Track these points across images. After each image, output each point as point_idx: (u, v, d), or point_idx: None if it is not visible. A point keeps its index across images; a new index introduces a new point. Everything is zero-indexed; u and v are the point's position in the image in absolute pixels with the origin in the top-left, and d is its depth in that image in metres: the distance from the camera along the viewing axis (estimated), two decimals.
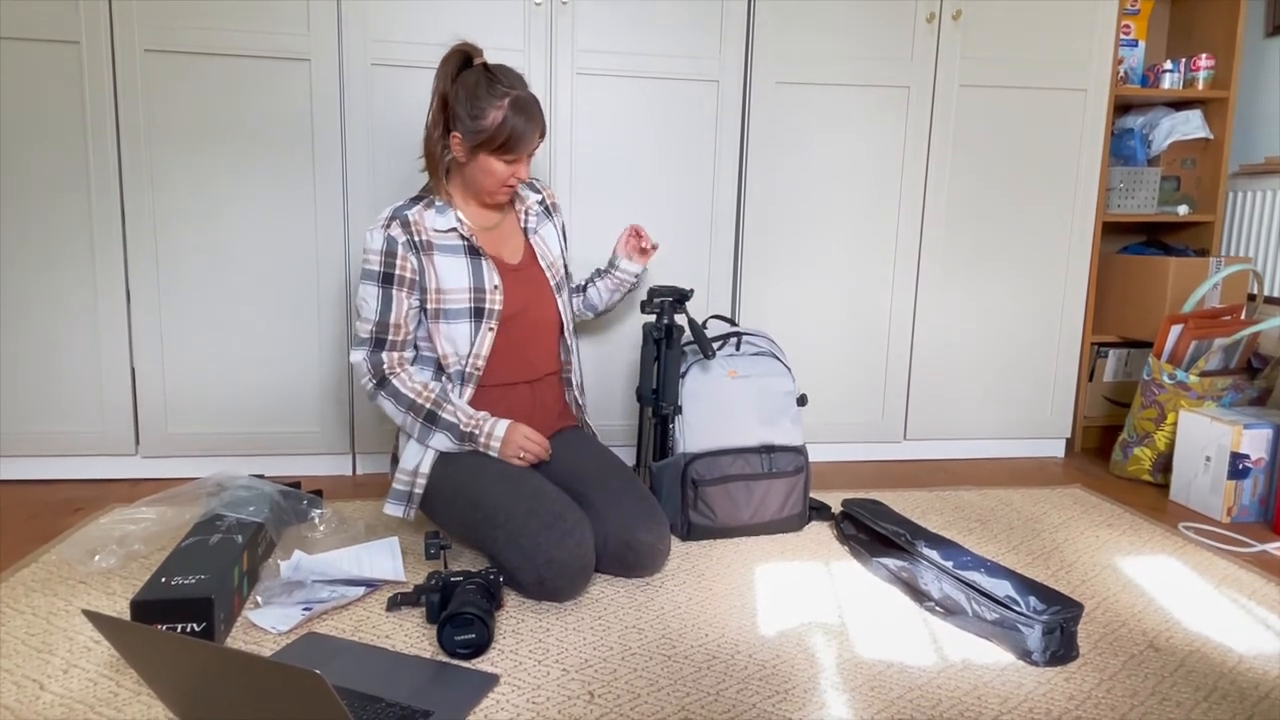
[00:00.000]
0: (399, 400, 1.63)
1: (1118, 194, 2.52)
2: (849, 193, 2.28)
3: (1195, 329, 2.20)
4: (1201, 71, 2.51)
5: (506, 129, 1.58)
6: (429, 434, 1.64)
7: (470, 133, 1.60)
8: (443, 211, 1.67)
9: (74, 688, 1.21)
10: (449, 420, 1.63)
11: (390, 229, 1.62)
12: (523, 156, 1.64)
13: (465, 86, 1.60)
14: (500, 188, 1.67)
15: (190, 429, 2.10)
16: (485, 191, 1.68)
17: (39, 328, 2.02)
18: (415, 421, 1.63)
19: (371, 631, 1.38)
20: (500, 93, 1.58)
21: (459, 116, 1.61)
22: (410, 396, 1.63)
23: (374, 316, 1.63)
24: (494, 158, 1.62)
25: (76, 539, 1.71)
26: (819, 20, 2.19)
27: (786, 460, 1.82)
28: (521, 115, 1.59)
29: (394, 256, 1.62)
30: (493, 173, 1.64)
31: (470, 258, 1.67)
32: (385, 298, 1.62)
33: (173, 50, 1.96)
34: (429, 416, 1.63)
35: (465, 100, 1.59)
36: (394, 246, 1.61)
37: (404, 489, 1.67)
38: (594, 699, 1.21)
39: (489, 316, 1.66)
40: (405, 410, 1.63)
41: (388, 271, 1.62)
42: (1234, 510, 2.03)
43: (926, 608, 1.51)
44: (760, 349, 1.92)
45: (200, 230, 2.04)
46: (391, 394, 1.64)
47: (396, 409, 1.64)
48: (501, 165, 1.63)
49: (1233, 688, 1.29)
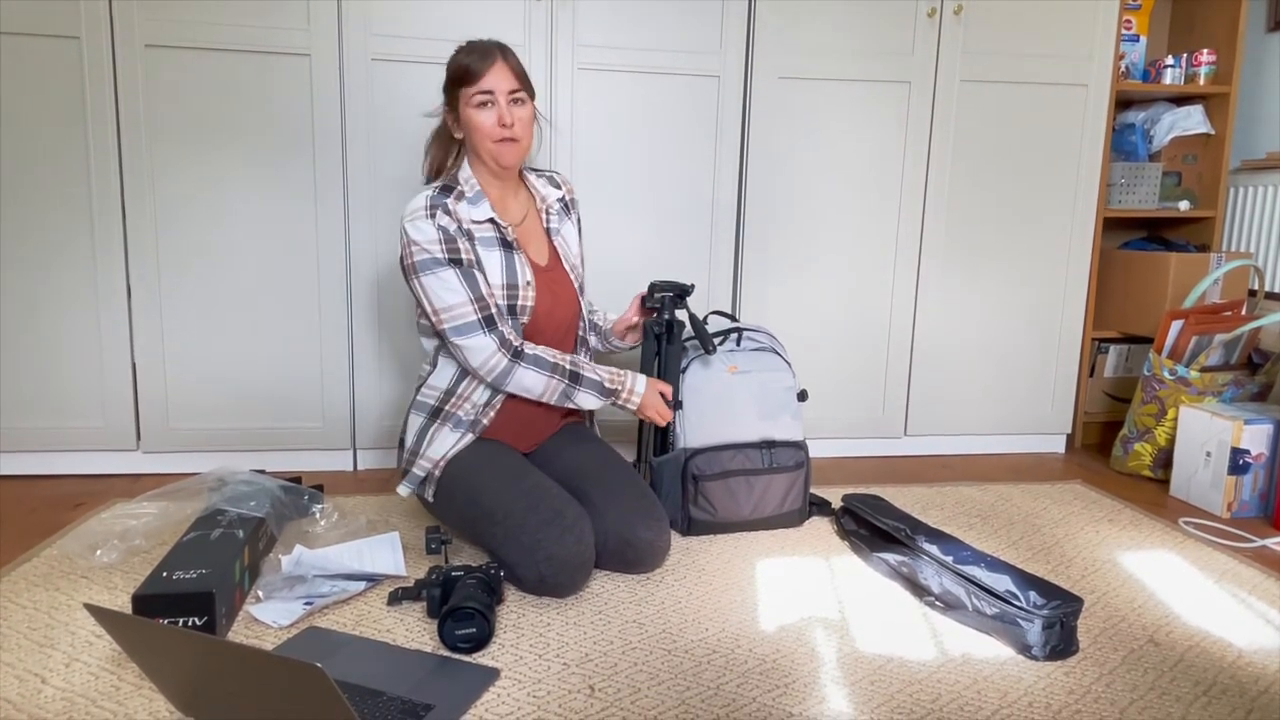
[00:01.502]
0: (541, 365, 1.62)
1: (1119, 189, 2.52)
2: (850, 187, 2.28)
3: (1196, 324, 2.20)
4: (1203, 67, 2.50)
5: (461, 65, 1.61)
6: (572, 393, 1.66)
7: (447, 91, 1.65)
8: (475, 202, 1.64)
9: (76, 682, 1.21)
10: (592, 378, 1.67)
11: (438, 218, 1.58)
12: (496, 97, 1.59)
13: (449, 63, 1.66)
14: (496, 142, 1.60)
15: (191, 424, 2.11)
16: (486, 152, 1.62)
17: (40, 323, 2.02)
18: (560, 383, 1.64)
19: (373, 626, 1.39)
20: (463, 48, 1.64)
21: (443, 89, 1.66)
22: (551, 360, 1.63)
23: (467, 294, 1.58)
24: (469, 108, 1.60)
25: (78, 534, 1.71)
26: (820, 15, 2.19)
27: (787, 455, 1.83)
28: (471, 51, 1.61)
29: (454, 242, 1.59)
30: (479, 126, 1.60)
31: (504, 251, 1.65)
32: (467, 277, 1.58)
33: (173, 45, 1.96)
34: (573, 377, 1.65)
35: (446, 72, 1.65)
36: (449, 234, 1.58)
37: (422, 475, 1.67)
38: (594, 693, 1.22)
39: (521, 313, 1.66)
40: (549, 373, 1.63)
41: (454, 256, 1.58)
42: (1234, 505, 2.03)
43: (926, 602, 1.51)
44: (761, 344, 1.92)
45: (201, 225, 2.04)
46: (532, 361, 1.62)
47: (539, 374, 1.62)
48: (479, 112, 1.59)
49: (1232, 682, 1.29)
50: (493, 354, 1.59)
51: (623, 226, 2.20)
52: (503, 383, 1.63)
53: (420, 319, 1.71)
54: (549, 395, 1.65)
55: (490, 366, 1.60)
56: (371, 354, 2.15)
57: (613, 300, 2.18)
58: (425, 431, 1.68)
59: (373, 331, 2.15)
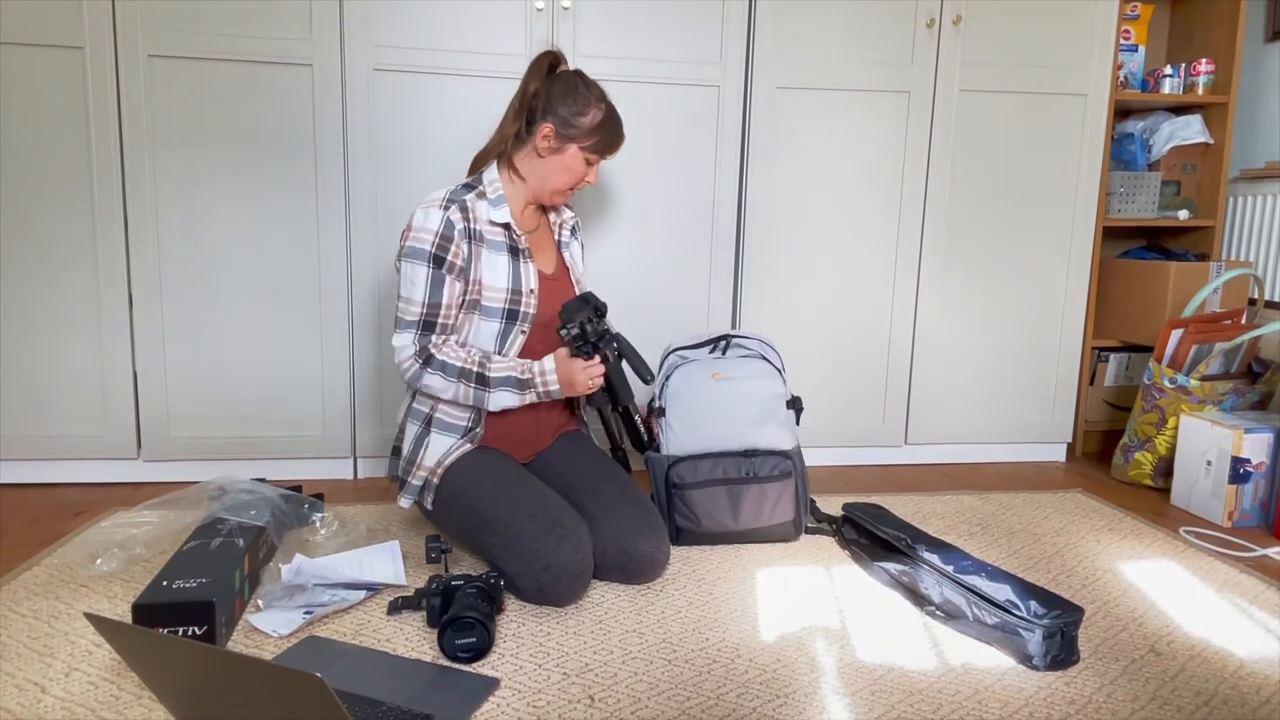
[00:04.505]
0: (448, 371, 1.60)
1: (1118, 199, 2.53)
2: (850, 197, 2.29)
3: (1196, 333, 2.20)
4: (1201, 76, 2.51)
5: (606, 127, 1.68)
6: (485, 396, 1.62)
7: (569, 125, 1.65)
8: (496, 205, 1.66)
9: (75, 691, 1.21)
10: (502, 375, 1.62)
11: (449, 211, 1.59)
12: (601, 160, 1.72)
13: (565, 83, 1.67)
14: (568, 188, 1.72)
15: (192, 433, 2.11)
16: (553, 189, 1.71)
17: (42, 332, 2.02)
18: (469, 387, 1.61)
19: (372, 635, 1.39)
20: (598, 95, 1.69)
21: (554, 111, 1.65)
22: (458, 364, 1.61)
23: (423, 298, 1.59)
24: (584, 153, 1.68)
25: (78, 542, 1.71)
26: (820, 25, 2.20)
27: (771, 464, 1.77)
28: (616, 118, 1.71)
29: (449, 241, 1.59)
30: (573, 169, 1.69)
31: (511, 257, 1.67)
32: (436, 280, 1.59)
33: (176, 55, 1.97)
34: (480, 379, 1.61)
35: (566, 95, 1.66)
36: (450, 231, 1.59)
37: (420, 484, 1.67)
38: (594, 703, 1.22)
39: (522, 320, 1.67)
40: (456, 378, 1.61)
41: (439, 255, 1.59)
42: (1235, 515, 2.03)
43: (927, 612, 1.51)
44: (749, 351, 1.90)
45: (202, 235, 2.04)
46: (439, 367, 1.60)
47: (446, 380, 1.61)
48: (583, 164, 1.69)
49: (1234, 692, 1.29)
50: (408, 356, 1.62)
51: (623, 236, 2.20)
52: (414, 385, 1.65)
53: None
54: (460, 398, 1.63)
55: (405, 368, 1.63)
56: (372, 363, 2.15)
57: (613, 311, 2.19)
58: (421, 440, 1.68)
59: (373, 341, 2.15)
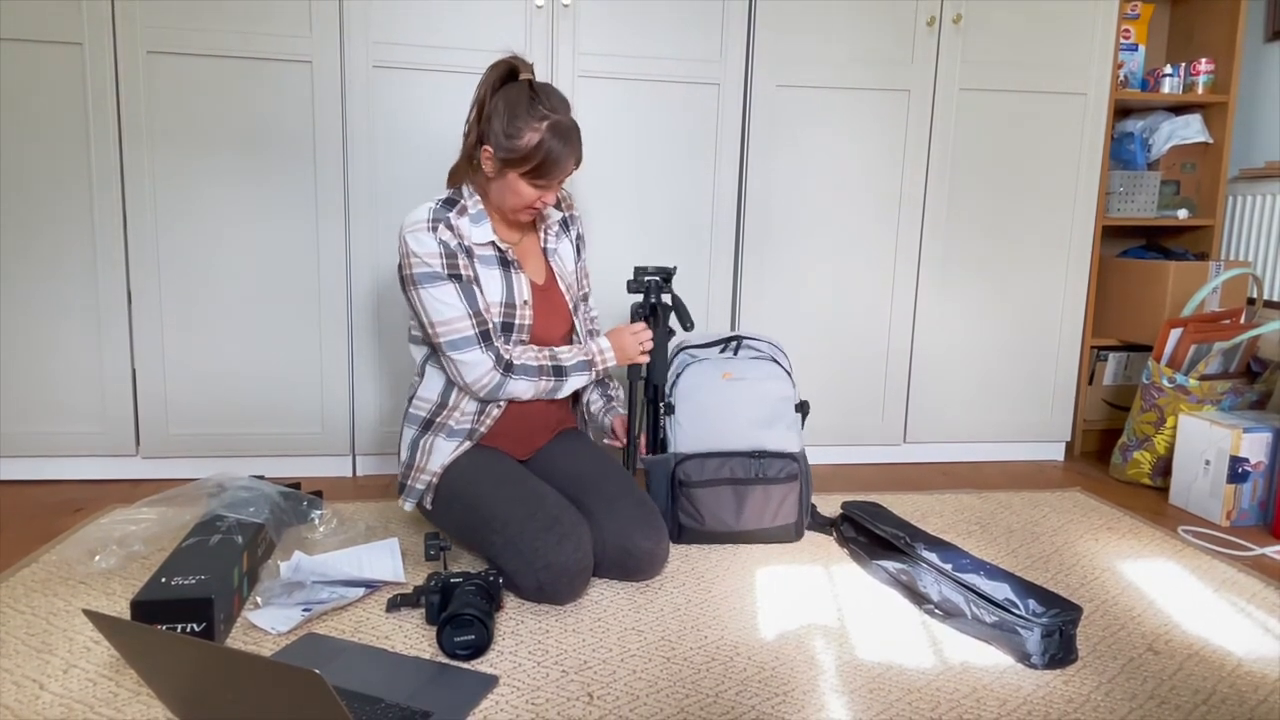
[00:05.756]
0: (529, 373, 1.65)
1: (1117, 198, 2.53)
2: (849, 195, 2.29)
3: (1195, 333, 2.20)
4: (1201, 76, 2.51)
5: (541, 153, 1.53)
6: (562, 384, 1.70)
7: (503, 149, 1.54)
8: (477, 221, 1.63)
9: (74, 688, 1.21)
10: (574, 362, 1.71)
11: (439, 233, 1.57)
12: (554, 183, 1.60)
13: (506, 100, 1.54)
14: (524, 209, 1.63)
15: (191, 430, 2.11)
16: (510, 209, 1.63)
17: (41, 328, 2.02)
18: (549, 381, 1.68)
19: (371, 632, 1.39)
20: (540, 114, 1.52)
21: (493, 131, 1.55)
22: (537, 365, 1.66)
23: (465, 311, 1.58)
24: (524, 180, 1.57)
25: (77, 539, 1.71)
26: (819, 24, 2.19)
27: (779, 466, 1.78)
28: (559, 140, 1.53)
29: (454, 258, 1.58)
30: (519, 194, 1.59)
31: (503, 270, 1.65)
32: (466, 293, 1.59)
33: (175, 52, 1.96)
34: (557, 371, 1.69)
35: (504, 114, 1.53)
36: (449, 249, 1.58)
37: (422, 488, 1.66)
38: (593, 700, 1.22)
39: (518, 331, 1.66)
40: (537, 377, 1.66)
41: (453, 272, 1.58)
42: (1233, 514, 2.03)
43: (926, 610, 1.51)
44: (760, 353, 1.90)
45: (201, 231, 2.04)
46: (521, 371, 1.64)
47: (530, 382, 1.66)
48: (529, 189, 1.59)
49: (1231, 691, 1.29)
50: (488, 370, 1.60)
51: (622, 234, 2.20)
52: (495, 396, 1.64)
53: (413, 329, 1.72)
54: (540, 395, 1.69)
55: (484, 383, 1.62)
56: (371, 360, 2.15)
57: (613, 309, 2.19)
58: (418, 444, 1.68)
59: (372, 337, 2.15)
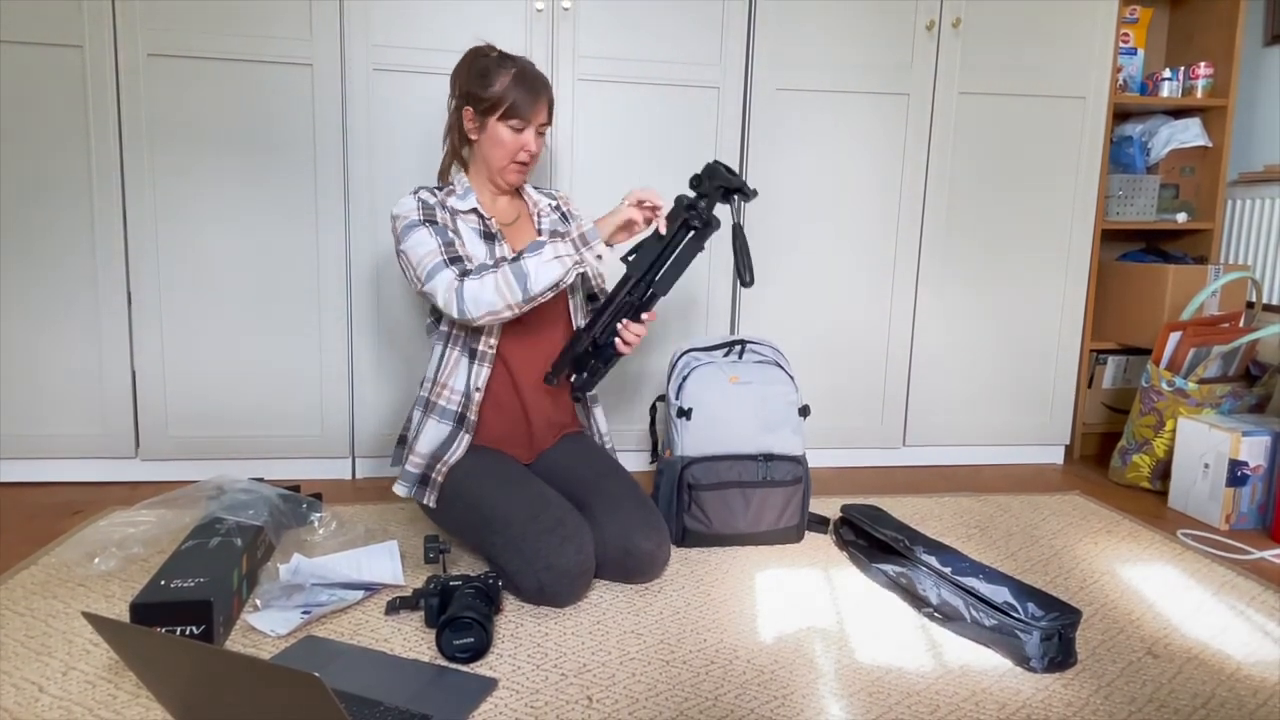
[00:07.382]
0: (484, 270, 1.56)
1: (1117, 201, 2.53)
2: (849, 199, 2.29)
3: (1194, 336, 2.21)
4: (1200, 80, 2.52)
5: (513, 92, 1.65)
6: (525, 273, 1.53)
7: (479, 101, 1.66)
8: (463, 196, 1.71)
9: (73, 690, 1.21)
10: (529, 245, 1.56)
11: (419, 194, 1.67)
12: (530, 126, 1.68)
13: (475, 62, 1.69)
14: (510, 161, 1.70)
15: (190, 432, 2.11)
16: (496, 168, 1.71)
17: (40, 330, 2.02)
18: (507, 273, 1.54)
19: (370, 635, 1.39)
20: (509, 64, 1.68)
21: (470, 91, 1.68)
22: (492, 263, 1.58)
23: (436, 244, 1.59)
24: (502, 124, 1.67)
25: (76, 541, 1.71)
26: (819, 27, 2.20)
27: (785, 469, 1.81)
28: (528, 78, 1.67)
29: (431, 209, 1.65)
30: (502, 142, 1.68)
31: (486, 242, 1.69)
32: (438, 231, 1.62)
33: (176, 55, 1.97)
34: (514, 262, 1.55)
35: (476, 74, 1.67)
36: (427, 205, 1.65)
37: (416, 471, 1.67)
38: (592, 704, 1.22)
39: None
40: (495, 272, 1.55)
41: (429, 218, 1.63)
42: (1232, 517, 2.03)
43: (925, 614, 1.51)
44: (764, 357, 1.92)
45: (201, 234, 2.04)
46: (476, 273, 1.56)
47: (487, 278, 1.54)
48: (509, 133, 1.67)
49: (1231, 695, 1.29)
50: (450, 283, 1.55)
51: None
52: (465, 311, 1.55)
53: (427, 317, 1.78)
54: (508, 292, 1.54)
55: (450, 298, 1.55)
56: (371, 363, 2.15)
57: None
58: (413, 421, 1.73)
59: (372, 340, 2.15)
